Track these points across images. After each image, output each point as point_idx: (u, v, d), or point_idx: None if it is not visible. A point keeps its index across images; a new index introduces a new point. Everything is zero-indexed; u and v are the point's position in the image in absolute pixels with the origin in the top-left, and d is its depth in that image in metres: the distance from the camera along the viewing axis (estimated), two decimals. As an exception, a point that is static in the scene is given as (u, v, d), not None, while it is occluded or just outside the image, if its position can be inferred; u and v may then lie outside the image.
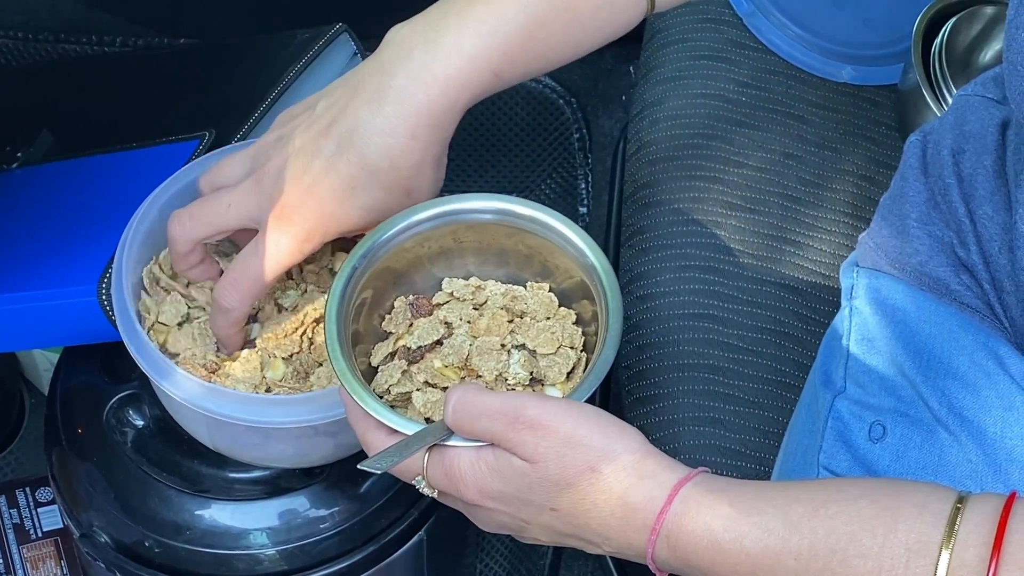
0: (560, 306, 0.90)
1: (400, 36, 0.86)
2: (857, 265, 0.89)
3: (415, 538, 1.04)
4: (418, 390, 0.85)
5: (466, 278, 0.91)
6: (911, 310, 0.85)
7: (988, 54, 1.11)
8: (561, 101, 1.52)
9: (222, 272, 0.93)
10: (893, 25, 1.14)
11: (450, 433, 0.78)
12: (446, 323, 0.88)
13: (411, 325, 0.88)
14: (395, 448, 0.79)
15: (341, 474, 0.99)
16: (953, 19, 1.10)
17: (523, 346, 0.88)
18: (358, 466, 0.79)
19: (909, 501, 0.70)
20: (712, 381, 0.98)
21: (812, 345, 0.96)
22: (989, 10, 1.10)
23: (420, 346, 0.87)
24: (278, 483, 0.99)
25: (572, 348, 0.87)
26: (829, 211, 1.06)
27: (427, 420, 0.84)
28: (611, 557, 1.02)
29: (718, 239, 1.03)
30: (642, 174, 1.09)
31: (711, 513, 0.73)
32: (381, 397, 0.84)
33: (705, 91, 1.12)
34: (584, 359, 0.87)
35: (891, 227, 0.88)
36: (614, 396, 1.13)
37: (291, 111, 0.90)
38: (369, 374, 0.86)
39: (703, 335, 0.99)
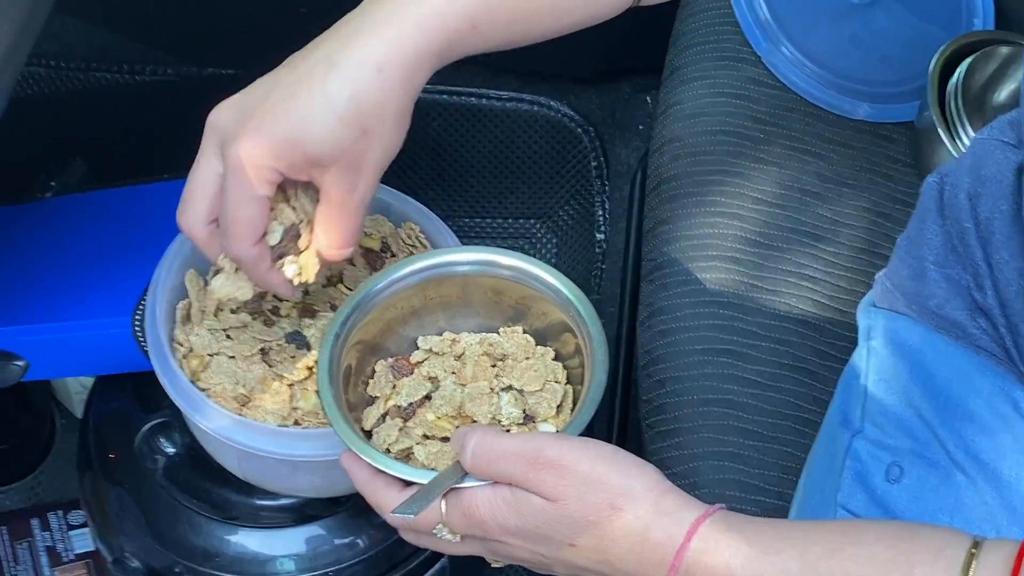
0: (536, 345, 0.90)
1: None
2: (874, 305, 0.88)
3: (438, 564, 1.05)
4: (418, 444, 0.85)
5: (439, 334, 0.91)
6: (928, 352, 0.84)
7: (1003, 93, 1.10)
8: (579, 129, 1.51)
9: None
10: (909, 63, 1.13)
11: (463, 475, 0.78)
12: (430, 378, 0.88)
13: (395, 386, 0.88)
14: (419, 494, 0.79)
15: (367, 503, 0.97)
16: (969, 59, 1.09)
17: (510, 387, 0.88)
18: (392, 512, 0.79)
19: (925, 546, 0.70)
20: (732, 416, 0.97)
21: (830, 380, 0.95)
22: (1004, 50, 1.10)
23: (411, 403, 0.86)
24: (305, 511, 1.00)
25: (557, 382, 0.88)
26: (846, 247, 1.05)
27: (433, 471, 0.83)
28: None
29: (737, 274, 1.03)
30: (662, 209, 1.09)
31: (729, 551, 0.73)
32: None
33: (724, 127, 1.11)
34: (571, 392, 0.87)
35: (909, 268, 0.87)
36: (634, 430, 1.13)
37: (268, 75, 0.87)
38: (364, 439, 0.85)
39: (722, 370, 0.99)
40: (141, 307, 0.97)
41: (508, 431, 0.86)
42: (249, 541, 0.99)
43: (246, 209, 0.83)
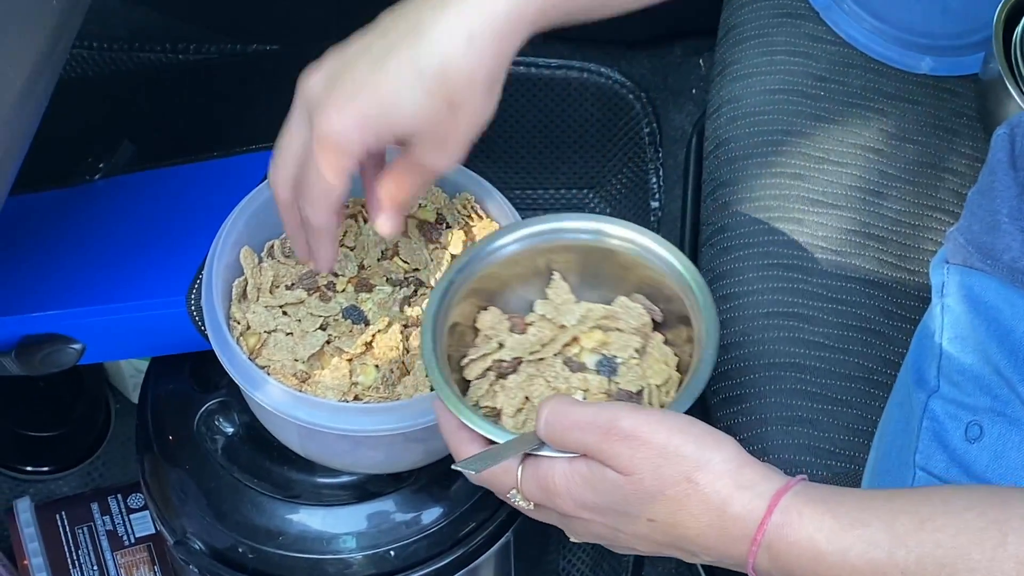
0: (653, 330, 0.89)
1: None
2: (947, 262, 0.86)
3: (502, 539, 1.04)
4: (511, 406, 0.85)
5: (561, 302, 0.90)
6: (1005, 307, 0.82)
7: None
8: (631, 96, 1.50)
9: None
10: (973, 14, 1.12)
11: (542, 444, 0.78)
12: (542, 343, 0.88)
13: (501, 344, 0.88)
14: (489, 453, 0.79)
15: (429, 478, 0.99)
16: None
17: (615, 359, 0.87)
18: (453, 466, 0.79)
19: (1017, 513, 0.69)
20: (799, 380, 0.96)
21: (900, 342, 0.94)
22: None
23: (513, 358, 0.86)
24: (366, 488, 0.99)
25: (667, 364, 0.87)
26: (913, 205, 1.04)
27: None
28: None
29: (801, 236, 1.02)
30: (721, 172, 1.08)
31: (813, 525, 0.72)
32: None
33: (783, 86, 1.10)
34: (678, 379, 0.87)
35: (981, 223, 0.85)
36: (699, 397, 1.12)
37: (345, 42, 0.85)
38: (462, 389, 0.86)
39: (788, 333, 0.98)
40: (196, 286, 0.97)
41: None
42: (311, 519, 0.98)
43: (329, 179, 0.82)
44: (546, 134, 1.49)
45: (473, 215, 0.98)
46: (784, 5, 1.14)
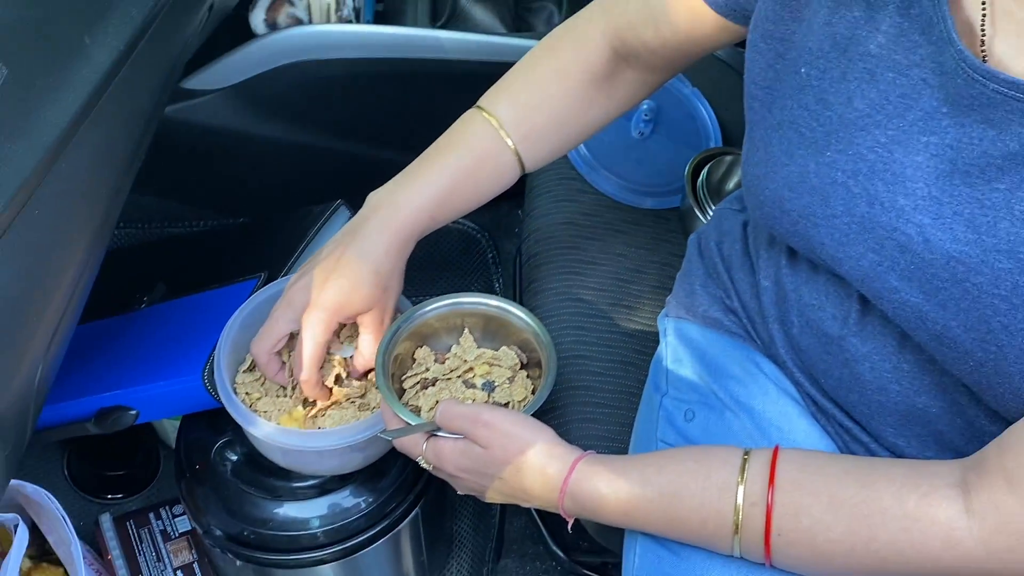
0: (520, 363, 0.88)
1: (375, 199, 0.84)
2: (667, 316, 0.88)
3: (413, 513, 1.01)
4: (430, 406, 0.83)
5: (463, 346, 0.89)
6: (702, 340, 0.84)
7: (731, 183, 1.11)
8: (479, 235, 1.51)
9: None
10: (674, 172, 1.13)
11: (438, 428, 0.77)
12: (450, 368, 0.86)
13: (427, 368, 0.86)
14: (405, 429, 0.78)
15: (366, 477, 0.96)
16: (708, 164, 1.10)
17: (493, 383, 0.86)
18: (380, 433, 0.79)
19: (716, 458, 0.69)
20: (587, 395, 0.96)
21: (645, 368, 0.94)
22: (728, 158, 1.11)
23: (434, 379, 0.85)
24: (325, 486, 0.96)
25: (525, 388, 0.86)
26: (646, 285, 1.05)
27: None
28: (536, 510, 1.00)
29: (583, 308, 1.02)
30: (532, 275, 1.08)
31: (596, 478, 0.72)
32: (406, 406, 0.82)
33: (565, 220, 1.10)
34: (532, 398, 0.85)
35: (684, 291, 0.88)
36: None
37: (308, 262, 0.86)
38: (400, 395, 0.84)
39: (580, 366, 0.97)
40: (208, 368, 0.94)
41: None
42: (290, 510, 0.95)
43: (317, 351, 0.83)
44: (431, 263, 1.48)
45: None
46: (561, 171, 1.15)
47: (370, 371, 0.88)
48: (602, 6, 0.84)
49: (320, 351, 0.83)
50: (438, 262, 1.49)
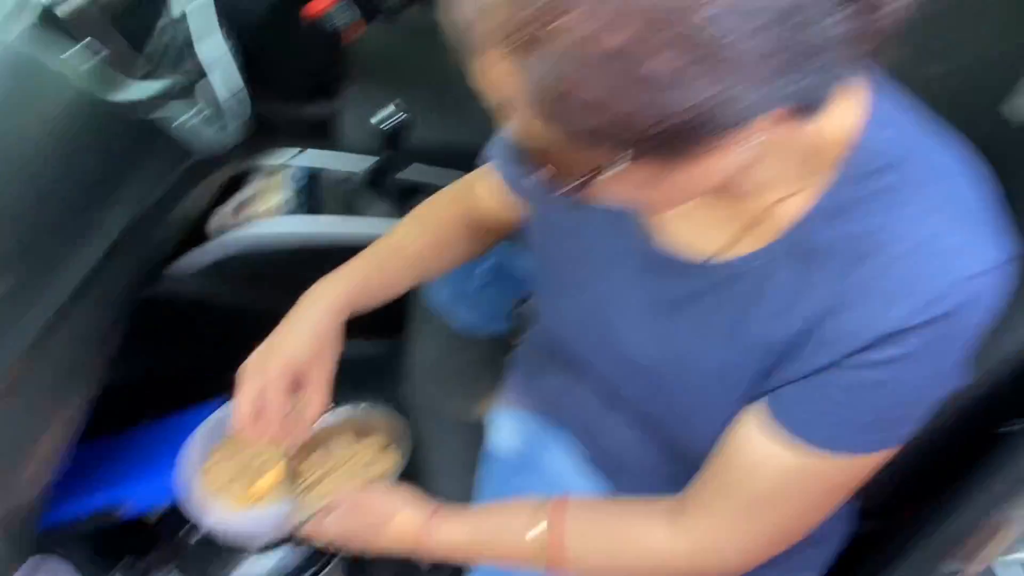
0: (383, 448, 0.96)
1: (304, 298, 0.87)
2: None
3: (331, 565, 1.15)
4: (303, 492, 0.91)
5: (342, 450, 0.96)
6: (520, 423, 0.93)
7: None
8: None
9: None
10: (502, 306, 1.12)
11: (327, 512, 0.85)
12: (321, 465, 0.95)
13: (301, 467, 0.94)
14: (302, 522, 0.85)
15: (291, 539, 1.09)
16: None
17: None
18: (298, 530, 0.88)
19: (525, 505, 0.79)
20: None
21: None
22: None
23: (307, 479, 0.93)
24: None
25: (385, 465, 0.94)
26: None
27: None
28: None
29: None
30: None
31: (442, 527, 0.83)
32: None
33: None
34: (394, 468, 0.94)
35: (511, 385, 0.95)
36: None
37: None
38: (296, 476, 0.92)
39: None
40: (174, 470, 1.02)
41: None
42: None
43: (279, 406, 0.85)
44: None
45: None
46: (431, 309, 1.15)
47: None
48: (451, 196, 0.93)
49: (281, 404, 0.85)
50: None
